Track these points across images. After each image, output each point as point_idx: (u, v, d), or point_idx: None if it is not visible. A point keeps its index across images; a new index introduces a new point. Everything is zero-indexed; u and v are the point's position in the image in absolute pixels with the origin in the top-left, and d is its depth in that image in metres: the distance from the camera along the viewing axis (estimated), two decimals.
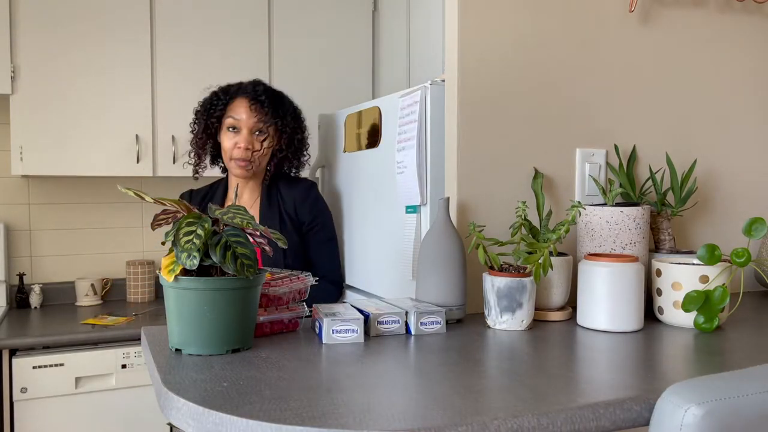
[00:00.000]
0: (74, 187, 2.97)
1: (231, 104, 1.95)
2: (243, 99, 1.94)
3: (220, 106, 1.96)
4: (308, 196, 2.01)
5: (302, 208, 1.99)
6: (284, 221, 1.99)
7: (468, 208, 1.47)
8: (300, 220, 2.00)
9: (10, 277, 2.87)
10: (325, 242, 2.03)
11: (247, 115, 1.92)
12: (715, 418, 0.79)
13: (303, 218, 2.00)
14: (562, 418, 0.83)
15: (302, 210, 1.99)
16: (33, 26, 2.53)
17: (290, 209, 2.00)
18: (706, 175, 1.74)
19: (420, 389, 0.91)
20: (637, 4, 1.62)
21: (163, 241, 1.59)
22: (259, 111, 1.92)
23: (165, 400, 0.90)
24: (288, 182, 2.04)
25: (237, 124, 1.92)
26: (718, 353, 1.12)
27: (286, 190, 2.02)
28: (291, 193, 2.01)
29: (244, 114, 1.92)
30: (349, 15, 3.04)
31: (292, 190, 2.01)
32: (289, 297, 1.26)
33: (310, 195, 2.01)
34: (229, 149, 1.93)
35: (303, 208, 1.99)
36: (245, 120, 1.92)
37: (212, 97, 2.00)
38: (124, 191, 1.10)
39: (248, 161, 1.92)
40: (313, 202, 2.01)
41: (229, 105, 1.95)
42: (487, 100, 1.48)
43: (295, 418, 0.79)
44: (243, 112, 1.92)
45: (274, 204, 2.00)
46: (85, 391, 2.36)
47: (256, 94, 1.94)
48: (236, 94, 1.96)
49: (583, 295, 1.30)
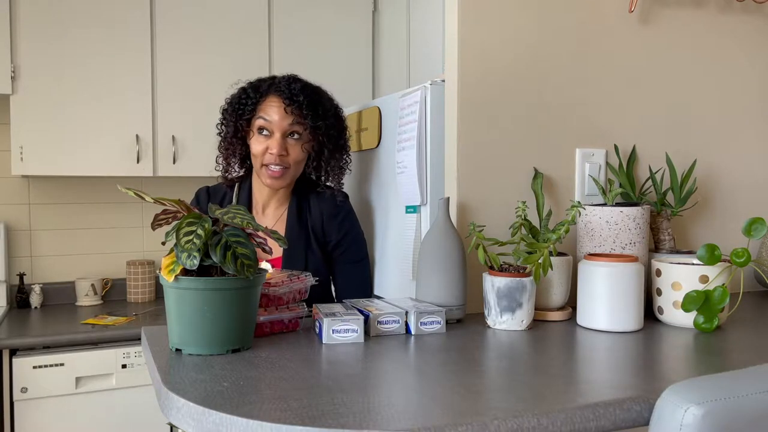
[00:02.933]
0: (74, 187, 2.97)
1: (262, 103, 1.71)
2: (276, 98, 1.69)
3: (249, 105, 1.72)
4: (338, 213, 1.76)
5: (330, 226, 1.76)
6: (309, 241, 1.75)
7: (468, 208, 1.47)
8: (326, 238, 1.77)
9: (10, 277, 2.87)
10: (352, 263, 1.80)
11: (281, 117, 1.67)
12: (715, 418, 0.79)
13: (330, 237, 1.76)
14: (562, 418, 0.83)
15: (330, 228, 1.76)
16: (33, 26, 2.54)
17: (317, 226, 1.76)
18: (706, 175, 1.74)
19: (420, 389, 0.91)
20: (637, 4, 1.62)
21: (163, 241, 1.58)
22: (295, 113, 1.68)
23: (165, 400, 0.90)
24: (318, 194, 1.78)
25: (268, 127, 1.68)
26: (718, 353, 1.12)
27: (316, 203, 1.77)
28: (320, 208, 1.76)
29: (277, 115, 1.67)
30: (349, 15, 3.04)
31: (321, 204, 1.76)
32: (289, 297, 1.26)
33: (341, 212, 1.77)
34: (260, 154, 1.68)
35: (331, 226, 1.76)
36: (278, 122, 1.67)
37: (241, 95, 1.75)
38: (124, 191, 1.10)
39: (283, 168, 1.68)
40: (342, 220, 1.77)
41: (260, 104, 1.71)
42: (487, 100, 1.48)
43: (295, 418, 0.79)
44: (276, 113, 1.68)
45: (303, 219, 1.77)
46: (85, 391, 2.36)
47: (291, 93, 1.69)
48: (268, 91, 1.72)
49: (582, 295, 1.30)
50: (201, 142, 2.78)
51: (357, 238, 1.80)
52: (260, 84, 1.75)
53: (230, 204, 1.79)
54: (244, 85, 1.78)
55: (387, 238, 1.84)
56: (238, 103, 1.74)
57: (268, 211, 1.80)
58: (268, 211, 1.80)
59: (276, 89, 1.71)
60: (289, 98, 1.68)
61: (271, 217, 1.80)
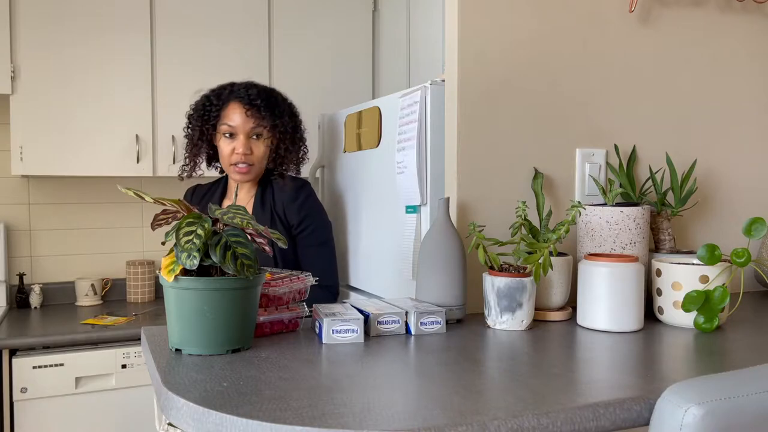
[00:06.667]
0: (74, 187, 2.97)
1: (225, 110, 1.90)
2: (237, 104, 1.89)
3: (214, 112, 1.91)
4: (297, 197, 1.94)
5: (290, 209, 1.93)
6: (275, 223, 1.93)
7: (468, 208, 1.47)
8: (289, 221, 1.94)
9: (10, 277, 2.87)
10: (314, 246, 1.95)
11: (243, 121, 1.87)
12: (715, 418, 0.79)
13: (291, 220, 1.93)
14: (562, 418, 0.83)
15: (290, 211, 1.93)
16: (33, 26, 2.53)
17: (280, 210, 1.94)
18: (706, 175, 1.74)
19: (420, 389, 0.91)
20: (637, 4, 1.62)
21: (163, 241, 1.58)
22: (255, 116, 1.88)
23: (165, 400, 0.90)
24: (279, 183, 1.98)
25: (233, 131, 1.88)
26: (718, 353, 1.12)
27: (277, 190, 1.96)
28: (281, 194, 1.95)
29: (240, 119, 1.88)
30: (349, 15, 3.04)
31: (281, 191, 1.95)
32: (289, 297, 1.26)
33: (300, 195, 1.94)
34: (227, 155, 1.89)
35: (291, 209, 1.93)
36: (241, 125, 1.88)
37: (204, 102, 1.94)
38: (124, 191, 1.10)
39: (248, 165, 1.89)
40: (302, 203, 1.93)
41: (223, 110, 1.90)
42: (487, 100, 1.48)
43: (295, 418, 0.79)
44: (238, 118, 1.88)
45: (267, 205, 1.95)
46: (85, 391, 2.36)
47: (250, 99, 1.89)
48: (229, 98, 1.91)
49: (583, 295, 1.30)
50: None
51: (319, 222, 1.97)
52: (221, 92, 1.95)
53: (208, 199, 2.04)
54: (207, 93, 1.97)
55: (387, 238, 1.84)
56: (202, 109, 1.94)
57: (239, 202, 2.02)
58: (239, 202, 2.02)
59: (236, 96, 1.91)
60: (248, 103, 1.89)
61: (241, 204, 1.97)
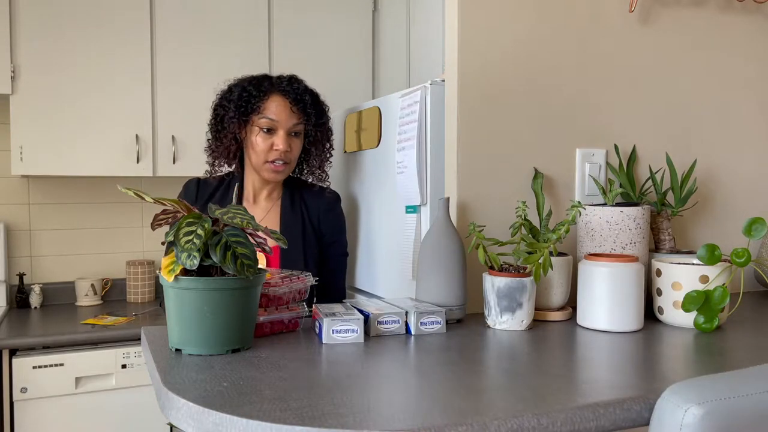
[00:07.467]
0: (74, 187, 2.97)
1: (265, 101, 1.75)
2: (280, 97, 1.76)
3: (253, 103, 1.75)
4: (334, 209, 1.90)
5: (326, 220, 1.88)
6: (306, 229, 1.86)
7: (468, 208, 1.47)
8: (322, 231, 1.89)
9: (10, 277, 2.87)
10: (342, 255, 1.94)
11: (288, 116, 1.75)
12: (715, 418, 0.79)
13: (325, 230, 1.89)
14: (562, 418, 0.83)
15: (326, 222, 1.88)
16: (33, 26, 2.54)
17: (314, 219, 1.87)
18: (706, 175, 1.74)
19: (420, 389, 0.91)
20: (637, 4, 1.62)
21: (163, 241, 1.58)
22: (301, 113, 1.77)
23: (165, 400, 0.90)
24: (311, 190, 1.90)
25: (273, 125, 1.74)
26: (718, 353, 1.12)
27: (311, 198, 1.88)
28: (316, 203, 1.88)
29: (284, 114, 1.74)
30: (349, 15, 3.04)
31: (317, 199, 1.88)
32: (289, 297, 1.26)
33: (336, 208, 1.91)
34: (264, 151, 1.75)
35: (327, 220, 1.88)
36: (284, 121, 1.74)
37: (242, 92, 1.77)
38: (124, 191, 1.10)
39: (285, 163, 1.77)
40: (337, 216, 1.91)
41: (263, 102, 1.75)
42: (487, 100, 1.48)
43: (295, 418, 0.79)
44: (282, 113, 1.74)
45: (297, 210, 1.87)
46: (85, 391, 2.36)
47: (296, 94, 1.77)
48: (270, 90, 1.77)
49: (583, 295, 1.30)
50: (201, 142, 2.78)
51: (344, 233, 1.96)
52: (260, 82, 1.78)
53: (220, 196, 1.86)
54: (240, 83, 1.79)
55: (387, 238, 1.84)
56: (239, 99, 1.76)
57: (259, 202, 1.87)
58: (259, 202, 1.87)
59: (279, 89, 1.77)
60: (294, 98, 1.76)
61: (263, 208, 1.87)
